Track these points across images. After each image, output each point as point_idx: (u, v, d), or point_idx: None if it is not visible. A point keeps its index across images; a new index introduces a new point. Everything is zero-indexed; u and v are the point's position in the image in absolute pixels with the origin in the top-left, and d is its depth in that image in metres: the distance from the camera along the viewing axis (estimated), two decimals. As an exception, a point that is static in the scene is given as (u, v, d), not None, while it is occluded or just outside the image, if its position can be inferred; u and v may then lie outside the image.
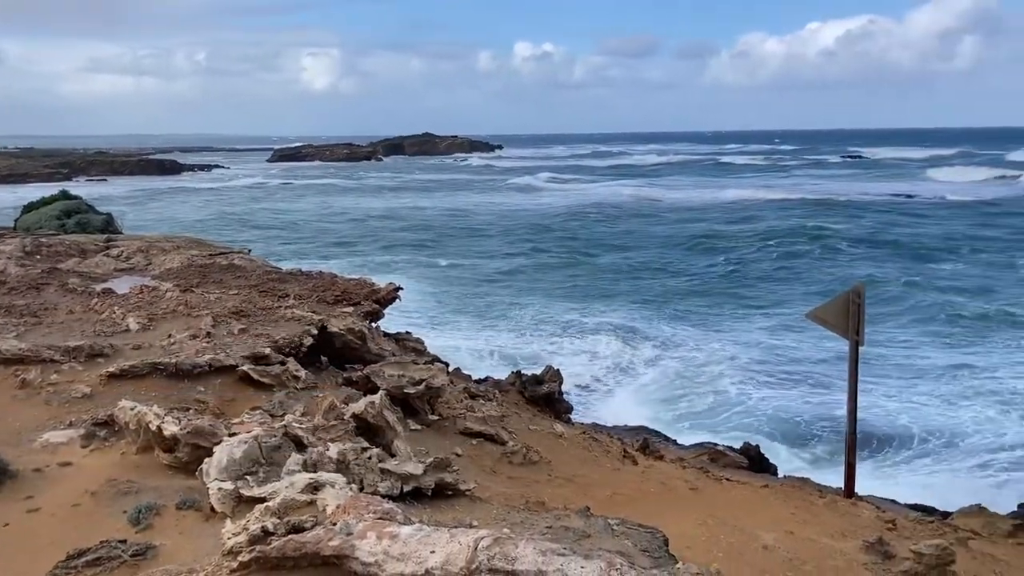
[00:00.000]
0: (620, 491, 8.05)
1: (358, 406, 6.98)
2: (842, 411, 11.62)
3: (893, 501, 12.23)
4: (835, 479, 12.84)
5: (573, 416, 14.31)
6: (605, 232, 53.72)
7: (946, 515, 10.84)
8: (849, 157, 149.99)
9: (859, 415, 10.73)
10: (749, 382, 22.11)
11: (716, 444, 15.03)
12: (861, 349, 10.24)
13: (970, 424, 18.81)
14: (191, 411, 7.25)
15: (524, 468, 8.17)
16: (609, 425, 16.44)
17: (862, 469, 14.34)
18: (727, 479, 9.51)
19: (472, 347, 25.25)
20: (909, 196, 73.52)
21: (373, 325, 10.95)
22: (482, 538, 3.64)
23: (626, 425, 16.92)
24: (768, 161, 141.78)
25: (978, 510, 10.20)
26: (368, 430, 6.89)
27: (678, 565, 4.38)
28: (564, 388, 14.27)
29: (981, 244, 45.82)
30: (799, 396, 21.25)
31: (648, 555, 5.13)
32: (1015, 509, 11.75)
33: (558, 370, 14.13)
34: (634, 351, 25.37)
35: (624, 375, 23.22)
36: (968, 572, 7.41)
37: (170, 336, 9.48)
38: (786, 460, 16.42)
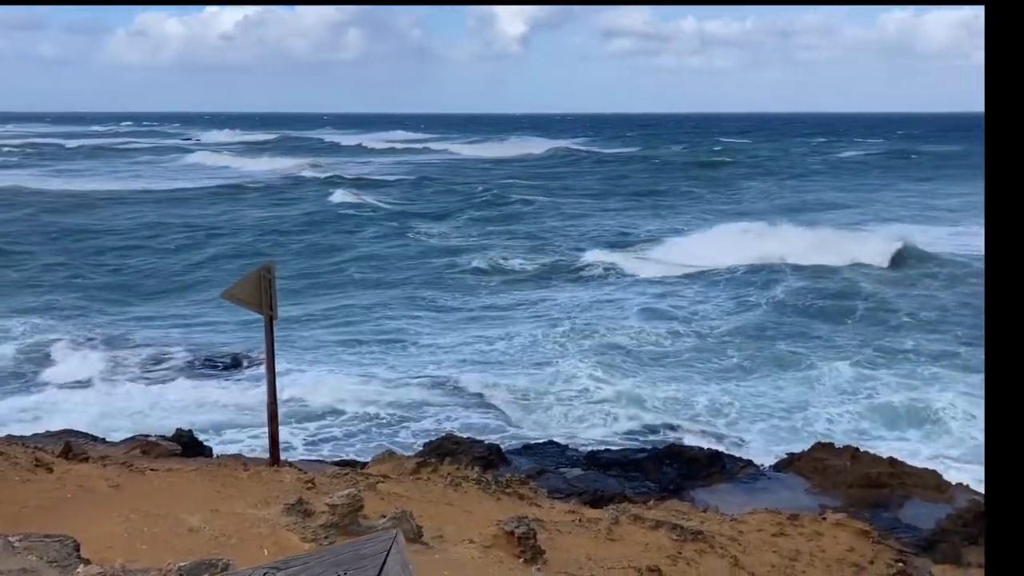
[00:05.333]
0: (31, 503, 7.53)
1: None
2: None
3: (320, 461, 13.18)
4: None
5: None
6: None
7: (364, 465, 12.00)
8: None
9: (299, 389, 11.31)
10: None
11: (148, 436, 14.68)
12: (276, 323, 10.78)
13: (381, 371, 21.08)
14: None
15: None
16: (28, 434, 15.11)
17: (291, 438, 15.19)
18: (152, 469, 9.41)
19: None
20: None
21: None
22: None
23: (47, 432, 15.69)
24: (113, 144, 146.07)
25: (388, 455, 11.46)
26: None
27: (79, 569, 4.35)
28: None
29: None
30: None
31: (57, 565, 5.01)
32: (421, 449, 13.46)
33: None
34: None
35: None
36: (376, 512, 8.33)
37: None
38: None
